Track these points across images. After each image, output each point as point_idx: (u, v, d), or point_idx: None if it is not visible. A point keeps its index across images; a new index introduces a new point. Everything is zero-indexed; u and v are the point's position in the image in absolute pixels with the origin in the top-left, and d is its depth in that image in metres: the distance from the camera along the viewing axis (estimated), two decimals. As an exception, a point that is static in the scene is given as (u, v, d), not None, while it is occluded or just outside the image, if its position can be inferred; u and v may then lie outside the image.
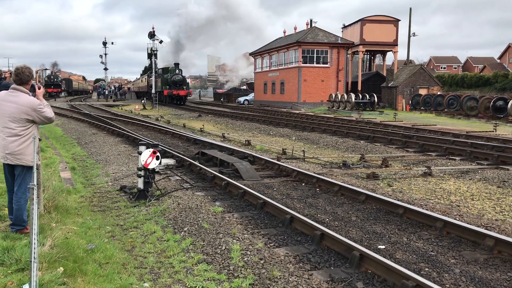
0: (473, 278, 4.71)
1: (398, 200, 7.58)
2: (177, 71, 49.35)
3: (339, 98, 37.25)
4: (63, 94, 75.31)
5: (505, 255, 5.27)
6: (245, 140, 16.16)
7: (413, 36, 44.55)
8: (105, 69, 67.40)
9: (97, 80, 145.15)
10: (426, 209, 7.11)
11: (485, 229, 6.07)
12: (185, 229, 6.28)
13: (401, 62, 52.93)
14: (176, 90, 48.01)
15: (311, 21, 47.28)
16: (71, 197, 7.77)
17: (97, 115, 28.76)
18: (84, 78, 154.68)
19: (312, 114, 31.23)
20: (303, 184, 9.24)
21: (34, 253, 2.62)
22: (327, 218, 6.85)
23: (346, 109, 35.46)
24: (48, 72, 79.97)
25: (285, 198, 8.10)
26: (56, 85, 71.91)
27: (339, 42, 42.89)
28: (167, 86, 48.29)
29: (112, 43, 68.31)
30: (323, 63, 42.52)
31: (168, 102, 48.20)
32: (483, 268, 4.97)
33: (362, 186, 8.90)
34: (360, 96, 36.67)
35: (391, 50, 45.45)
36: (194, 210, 7.11)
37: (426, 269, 4.94)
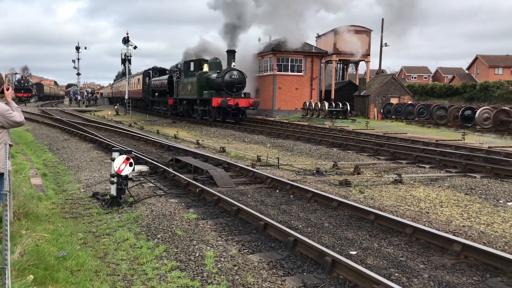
0: (441, 282, 4.85)
1: (369, 207, 7.72)
2: (233, 64, 28.47)
3: (313, 106, 37.62)
4: (33, 99, 73.77)
5: (471, 260, 5.44)
6: (220, 147, 16.16)
7: (385, 46, 45.47)
8: (78, 74, 66.39)
9: (69, 85, 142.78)
10: (397, 216, 7.27)
11: (452, 235, 6.25)
12: (159, 236, 6.26)
13: (374, 72, 53.89)
14: (234, 98, 27.53)
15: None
16: (42, 203, 7.63)
17: (69, 121, 28.29)
18: (55, 83, 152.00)
19: (287, 121, 31.44)
20: (277, 191, 9.31)
21: (6, 259, 2.60)
22: (300, 225, 6.93)
23: (320, 117, 35.83)
24: (18, 76, 78.27)
25: (259, 204, 8.15)
26: (26, 90, 70.50)
27: (313, 51, 43.36)
28: (210, 91, 28.49)
29: (86, 48, 67.07)
30: (297, 72, 42.89)
31: (214, 118, 28.78)
32: (450, 272, 5.12)
33: (335, 193, 9.03)
34: (334, 105, 37.11)
35: (364, 60, 46.22)
36: (168, 217, 7.09)
37: (396, 274, 5.06)
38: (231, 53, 28.86)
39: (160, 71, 43.42)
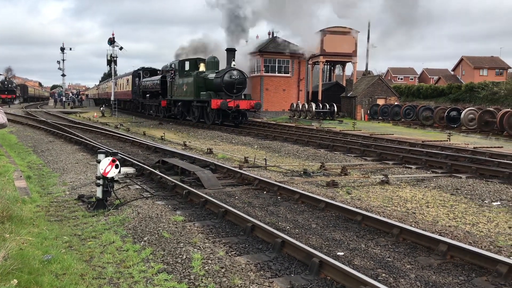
0: (427, 282, 4.87)
1: (356, 208, 7.74)
2: (233, 63, 26.58)
3: (300, 107, 37.73)
4: (17, 101, 72.97)
5: (457, 260, 5.49)
6: (207, 149, 16.11)
7: (372, 47, 45.75)
8: (63, 75, 65.71)
9: (54, 87, 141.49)
10: (383, 216, 7.31)
11: (439, 235, 6.29)
12: (145, 238, 6.20)
13: (360, 73, 54.25)
14: (235, 100, 25.87)
15: (272, 32, 47.69)
16: (26, 206, 7.53)
17: (54, 123, 27.99)
18: (40, 84, 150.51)
19: (274, 122, 31.47)
20: (265, 192, 9.30)
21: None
22: (288, 226, 6.93)
23: (307, 118, 35.94)
24: (1, 77, 77.29)
25: (246, 206, 8.13)
26: (10, 91, 69.77)
27: (300, 52, 43.49)
28: (209, 92, 26.72)
29: (70, 48, 66.45)
30: (284, 73, 42.99)
31: (213, 121, 26.85)
32: (437, 272, 5.16)
33: (322, 194, 9.04)
34: (321, 106, 37.26)
35: (351, 61, 46.47)
36: (154, 219, 7.04)
37: (383, 274, 5.07)
38: (231, 52, 26.83)
39: (151, 72, 41.41)
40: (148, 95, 38.46)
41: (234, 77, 26.11)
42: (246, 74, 27.35)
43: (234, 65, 26.53)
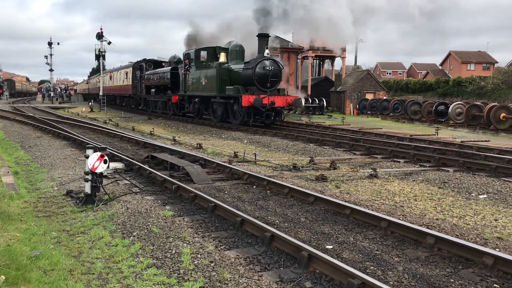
0: (415, 275, 4.93)
1: (345, 201, 7.79)
2: (266, 52, 21.74)
3: (290, 102, 37.73)
4: (4, 96, 72.23)
5: (444, 252, 5.56)
6: (197, 144, 16.07)
7: (361, 42, 45.90)
8: (51, 70, 65.01)
9: (41, 82, 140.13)
10: (372, 210, 7.36)
11: (426, 228, 6.36)
12: (134, 233, 6.19)
13: (349, 68, 54.34)
14: (269, 95, 21.45)
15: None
16: (14, 202, 7.47)
17: (42, 118, 27.73)
18: (27, 79, 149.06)
19: (263, 117, 31.40)
20: (254, 186, 9.32)
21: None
22: (277, 220, 6.96)
23: (297, 112, 36.00)
24: (-12, 72, 76.44)
25: (236, 201, 8.14)
26: (-4, 86, 69.00)
27: (290, 47, 43.53)
28: (236, 86, 22.16)
29: (58, 43, 65.76)
30: (274, 67, 42.93)
31: (242, 120, 22.42)
32: (424, 265, 5.22)
33: (311, 188, 9.08)
34: (310, 100, 37.34)
35: (340, 56, 46.57)
36: (144, 214, 7.02)
37: (372, 267, 5.12)
38: (263, 38, 21.76)
39: (154, 63, 36.16)
40: (153, 90, 33.81)
41: (267, 68, 21.54)
42: (281, 65, 22.85)
43: (267, 53, 21.90)
